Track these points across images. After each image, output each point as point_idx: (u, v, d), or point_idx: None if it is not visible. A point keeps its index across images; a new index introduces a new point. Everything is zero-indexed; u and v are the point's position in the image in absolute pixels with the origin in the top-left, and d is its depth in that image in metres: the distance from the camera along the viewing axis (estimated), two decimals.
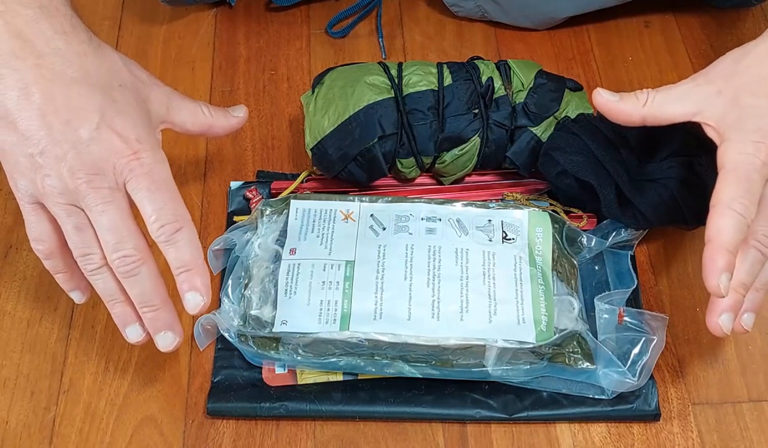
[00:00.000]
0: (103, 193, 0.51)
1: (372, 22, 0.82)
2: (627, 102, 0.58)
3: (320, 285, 0.60)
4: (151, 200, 0.52)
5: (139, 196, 0.52)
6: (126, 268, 0.52)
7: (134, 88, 0.55)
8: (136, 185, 0.52)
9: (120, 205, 0.52)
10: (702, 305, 0.65)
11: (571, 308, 0.61)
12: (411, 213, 0.64)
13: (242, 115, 0.63)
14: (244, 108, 0.63)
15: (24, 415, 0.60)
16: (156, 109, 0.56)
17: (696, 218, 0.64)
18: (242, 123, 0.63)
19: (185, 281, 0.53)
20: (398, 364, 0.58)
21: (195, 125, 0.60)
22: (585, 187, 0.64)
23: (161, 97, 0.57)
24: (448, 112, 0.66)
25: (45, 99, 0.50)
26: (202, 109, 0.60)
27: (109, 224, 0.52)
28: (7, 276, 0.66)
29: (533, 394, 0.60)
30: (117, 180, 0.52)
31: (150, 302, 0.54)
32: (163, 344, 0.55)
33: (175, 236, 0.52)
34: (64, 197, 0.52)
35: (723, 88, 0.56)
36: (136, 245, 0.52)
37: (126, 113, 0.53)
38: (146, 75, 0.57)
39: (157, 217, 0.52)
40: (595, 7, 0.80)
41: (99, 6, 0.84)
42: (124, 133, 0.52)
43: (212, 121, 0.60)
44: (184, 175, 0.72)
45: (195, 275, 0.53)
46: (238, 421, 0.60)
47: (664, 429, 0.60)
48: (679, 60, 0.80)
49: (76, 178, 0.51)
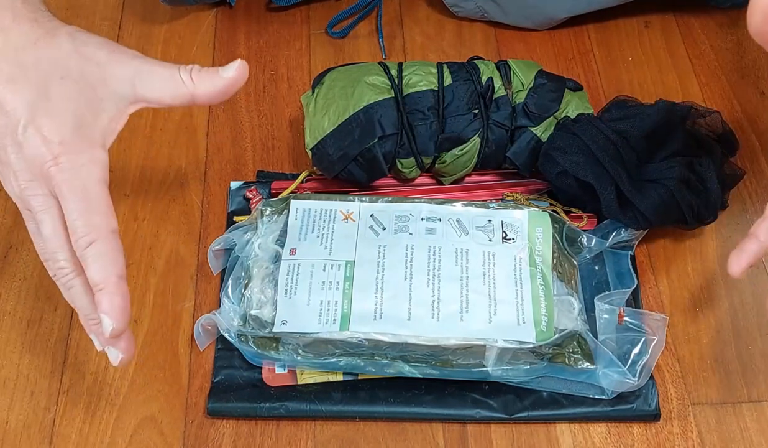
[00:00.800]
0: (39, 200, 0.49)
1: (372, 22, 0.82)
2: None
3: (320, 285, 0.60)
4: (70, 210, 0.48)
5: (62, 204, 0.48)
6: (62, 280, 0.50)
7: (81, 76, 0.50)
8: (58, 192, 0.48)
9: (54, 214, 0.49)
10: (702, 305, 0.65)
11: (571, 308, 0.61)
12: (411, 213, 0.64)
13: (232, 73, 0.51)
14: (237, 64, 0.52)
15: (24, 415, 0.60)
16: (117, 91, 0.50)
17: (696, 218, 0.64)
18: (234, 83, 0.52)
19: (99, 302, 0.48)
20: (398, 364, 0.58)
21: (175, 98, 0.51)
22: (585, 188, 0.64)
23: (123, 75, 0.50)
24: (448, 112, 0.66)
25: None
26: (181, 77, 0.51)
27: (46, 232, 0.49)
28: (7, 276, 0.66)
29: (533, 394, 0.60)
30: (48, 187, 0.49)
31: (90, 316, 0.51)
32: (110, 358, 0.51)
33: (87, 251, 0.48)
34: (20, 202, 0.50)
35: None
36: (68, 257, 0.49)
37: (55, 112, 0.49)
38: (105, 53, 0.50)
39: (73, 228, 0.48)
40: (595, 7, 0.80)
41: (99, 6, 0.84)
42: (48, 136, 0.48)
43: (193, 89, 0.51)
44: (184, 175, 0.72)
45: (105, 295, 0.48)
46: (238, 421, 0.60)
47: (664, 429, 0.60)
48: (679, 60, 0.80)
49: (19, 183, 0.49)
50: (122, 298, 0.48)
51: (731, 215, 0.69)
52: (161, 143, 0.73)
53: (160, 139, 0.74)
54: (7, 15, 0.50)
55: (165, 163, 0.72)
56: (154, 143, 0.74)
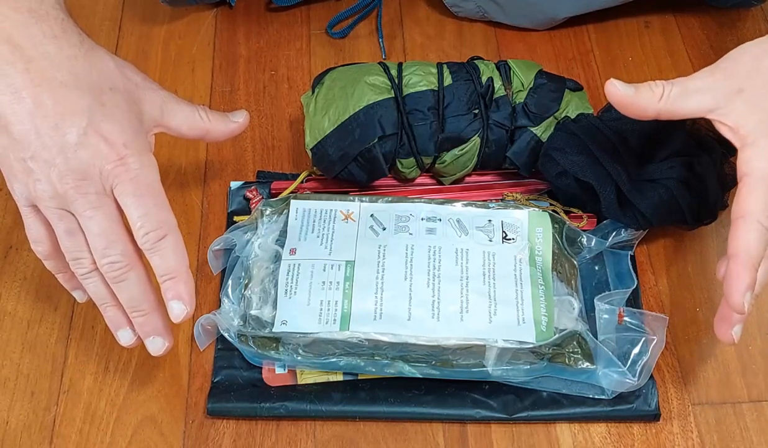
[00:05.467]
0: (90, 198, 0.51)
1: (372, 22, 0.83)
2: (642, 95, 0.55)
3: (320, 285, 0.60)
4: (137, 206, 0.52)
5: (125, 201, 0.52)
6: (114, 273, 0.52)
7: (126, 91, 0.54)
8: (122, 191, 0.52)
9: (108, 211, 0.52)
10: (702, 305, 0.65)
11: (571, 308, 0.61)
12: (411, 213, 0.64)
13: (242, 120, 0.61)
14: (244, 113, 0.62)
15: (24, 415, 0.60)
16: (149, 112, 0.56)
17: (696, 218, 0.64)
18: (241, 128, 0.62)
19: (169, 289, 0.53)
20: (398, 364, 0.58)
21: (191, 130, 0.59)
22: (585, 188, 0.64)
23: (155, 100, 0.56)
24: (448, 113, 0.66)
25: (35, 103, 0.50)
26: (200, 114, 0.59)
27: (98, 229, 0.52)
28: (7, 276, 0.66)
29: (533, 394, 0.60)
30: (104, 185, 0.51)
31: (138, 308, 0.54)
32: (152, 349, 0.56)
33: (159, 244, 0.52)
34: (54, 202, 0.52)
35: (745, 86, 0.53)
36: (123, 251, 0.52)
37: (114, 117, 0.52)
38: (141, 78, 0.56)
39: (141, 224, 0.52)
40: (595, 8, 0.80)
41: (99, 6, 0.84)
42: (110, 138, 0.51)
43: (209, 126, 0.59)
44: (184, 175, 0.72)
45: (179, 283, 0.53)
46: (238, 421, 0.60)
47: (664, 429, 0.60)
48: (679, 60, 0.80)
49: (64, 183, 0.51)
50: (192, 284, 0.54)
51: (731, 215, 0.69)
52: (161, 143, 0.73)
53: (160, 140, 0.73)
54: (56, 25, 0.53)
55: (165, 163, 0.72)
56: (154, 143, 0.74)
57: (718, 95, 0.54)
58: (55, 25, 0.52)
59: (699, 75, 0.55)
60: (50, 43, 0.52)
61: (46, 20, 0.52)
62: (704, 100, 0.54)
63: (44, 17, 0.52)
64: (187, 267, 0.53)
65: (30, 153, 0.51)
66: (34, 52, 0.51)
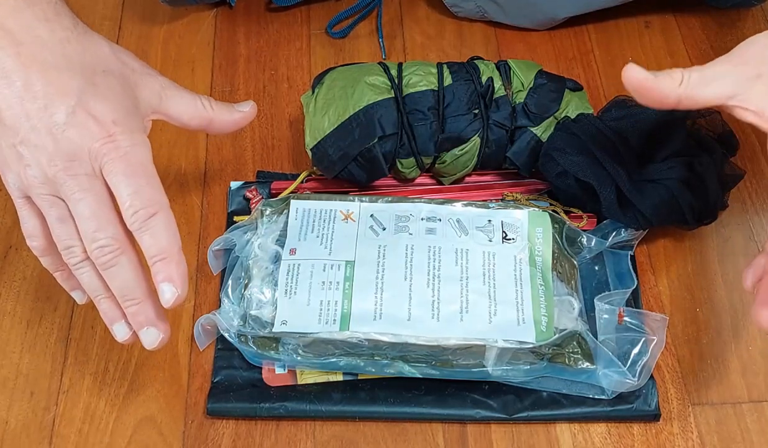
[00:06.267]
0: (80, 180, 0.50)
1: (372, 22, 0.82)
2: (663, 82, 0.52)
3: (320, 285, 0.60)
4: (126, 185, 0.50)
5: (114, 180, 0.50)
6: (104, 258, 0.50)
7: (121, 75, 0.53)
8: (111, 169, 0.50)
9: (98, 193, 0.50)
10: (702, 305, 0.65)
11: (571, 308, 0.61)
12: (411, 213, 0.64)
13: (247, 110, 0.59)
14: (251, 103, 0.59)
15: (24, 415, 0.60)
16: (146, 98, 0.54)
17: (696, 218, 0.64)
18: (248, 119, 0.59)
19: (160, 271, 0.50)
20: (398, 364, 0.58)
21: (193, 119, 0.57)
22: (585, 188, 0.64)
23: (153, 86, 0.54)
24: (448, 113, 0.66)
25: (24, 87, 0.50)
26: (202, 102, 0.57)
27: (87, 212, 0.50)
28: (7, 276, 0.66)
29: (533, 394, 0.60)
30: (94, 166, 0.50)
31: (131, 295, 0.52)
32: (147, 341, 0.53)
33: (149, 222, 0.50)
34: (45, 187, 0.51)
35: (762, 71, 0.52)
36: (114, 235, 0.50)
37: (104, 96, 0.51)
38: (139, 64, 0.55)
39: (131, 202, 0.49)
40: (595, 7, 0.79)
41: (99, 6, 0.84)
42: (100, 116, 0.50)
43: (212, 115, 0.57)
44: (184, 175, 0.72)
45: (170, 264, 0.50)
46: (238, 421, 0.60)
47: (664, 430, 0.60)
48: (679, 60, 0.80)
49: (53, 166, 0.50)
50: (185, 267, 0.51)
51: (731, 215, 0.69)
52: (161, 143, 0.73)
53: (160, 139, 0.74)
54: (50, 8, 0.52)
55: (165, 163, 0.72)
56: (153, 143, 0.72)
57: (737, 81, 0.53)
58: (48, 9, 0.52)
59: (717, 62, 0.54)
60: (42, 27, 0.51)
61: (38, 4, 0.51)
62: (724, 85, 0.53)
63: (37, 1, 0.51)
64: (179, 248, 0.51)
65: (20, 137, 0.50)
66: (26, 36, 0.50)
